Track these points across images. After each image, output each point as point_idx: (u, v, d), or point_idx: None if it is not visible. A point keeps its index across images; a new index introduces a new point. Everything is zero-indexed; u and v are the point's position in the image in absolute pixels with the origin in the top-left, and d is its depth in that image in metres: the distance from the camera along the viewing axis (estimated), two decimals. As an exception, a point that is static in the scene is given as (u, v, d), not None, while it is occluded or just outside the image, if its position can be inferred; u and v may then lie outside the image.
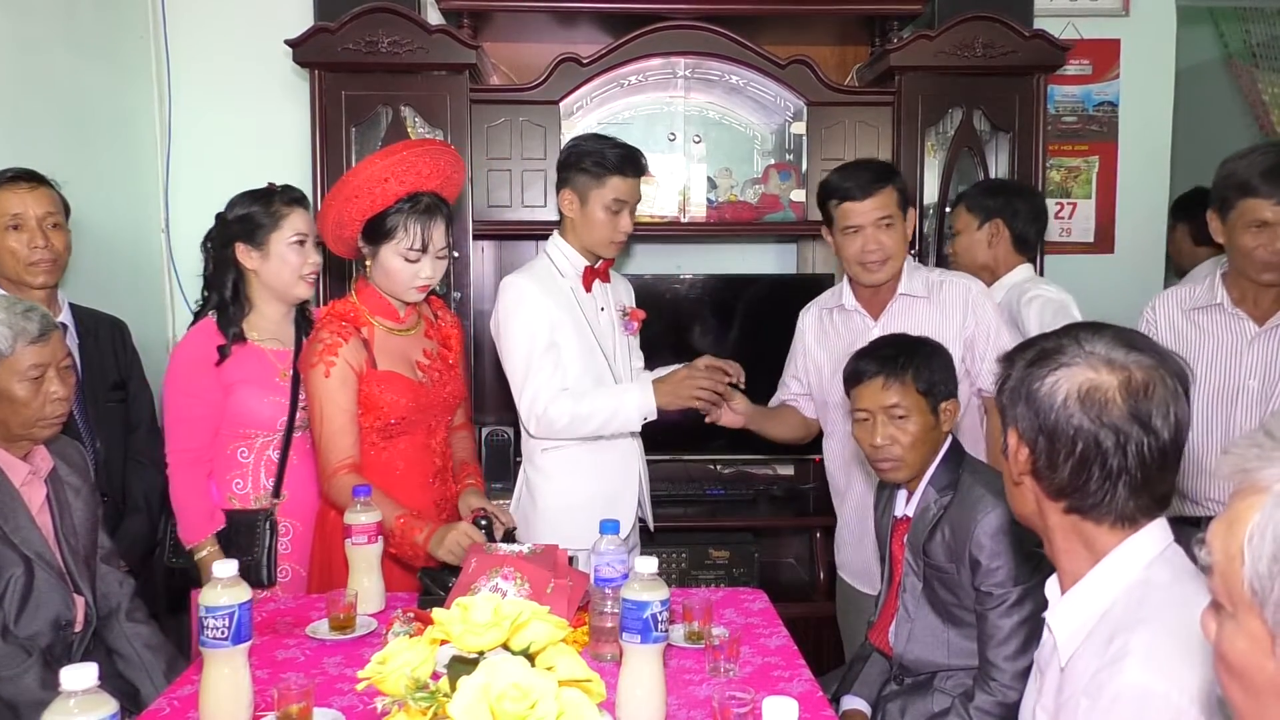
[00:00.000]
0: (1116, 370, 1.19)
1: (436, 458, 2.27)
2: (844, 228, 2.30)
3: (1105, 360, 1.20)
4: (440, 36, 2.89)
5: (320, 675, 1.69)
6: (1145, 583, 1.19)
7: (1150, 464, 1.19)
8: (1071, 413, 1.19)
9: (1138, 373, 1.19)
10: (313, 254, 2.29)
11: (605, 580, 1.77)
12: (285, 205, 2.26)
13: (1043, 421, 1.21)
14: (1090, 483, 1.20)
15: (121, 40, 3.17)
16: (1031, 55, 2.99)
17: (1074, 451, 1.19)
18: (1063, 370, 1.21)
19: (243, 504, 2.21)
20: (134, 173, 3.23)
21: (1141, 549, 1.21)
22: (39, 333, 1.82)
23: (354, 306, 2.18)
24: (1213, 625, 0.87)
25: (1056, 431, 1.20)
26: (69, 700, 1.18)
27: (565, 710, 1.11)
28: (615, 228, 2.34)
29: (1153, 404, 1.18)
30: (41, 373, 1.83)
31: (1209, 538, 0.86)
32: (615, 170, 2.30)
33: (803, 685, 1.67)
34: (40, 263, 2.25)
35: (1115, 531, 1.22)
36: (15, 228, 2.23)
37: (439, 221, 2.15)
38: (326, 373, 2.08)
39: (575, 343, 2.34)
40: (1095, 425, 1.18)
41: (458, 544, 1.98)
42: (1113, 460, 1.18)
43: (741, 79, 3.10)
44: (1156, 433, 1.18)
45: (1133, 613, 1.16)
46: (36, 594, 1.81)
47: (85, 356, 2.39)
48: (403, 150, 2.15)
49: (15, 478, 1.85)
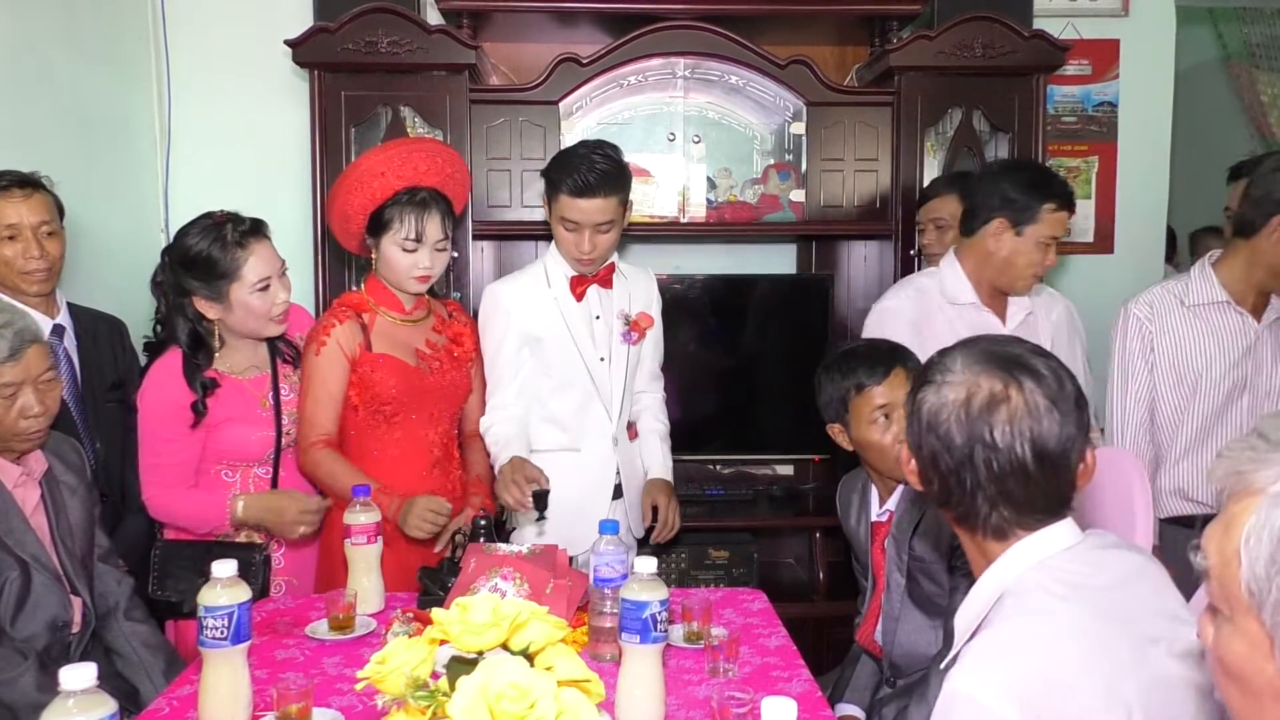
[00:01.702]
0: (960, 388, 1.23)
1: (435, 449, 2.29)
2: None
3: (957, 379, 1.23)
4: (440, 37, 2.89)
5: (319, 675, 1.69)
6: (1008, 594, 1.20)
7: (1004, 478, 1.20)
8: (928, 431, 1.25)
9: (983, 389, 1.21)
10: (281, 292, 2.19)
11: (604, 580, 1.76)
12: (239, 247, 2.13)
13: (912, 438, 1.28)
14: (953, 495, 1.24)
15: (121, 40, 3.17)
16: (1031, 55, 2.99)
17: (936, 467, 1.25)
18: (925, 389, 1.26)
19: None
20: (133, 173, 3.23)
21: (1017, 560, 1.22)
22: (9, 352, 1.77)
23: (361, 297, 2.27)
24: (1209, 629, 0.87)
25: (921, 448, 1.26)
26: (68, 700, 1.18)
27: (564, 710, 1.11)
28: (573, 245, 2.28)
29: (993, 420, 1.20)
30: (14, 391, 1.78)
31: (1204, 542, 0.86)
32: (566, 190, 2.24)
33: (802, 685, 1.67)
34: (35, 272, 2.23)
35: (997, 543, 1.24)
36: (11, 238, 2.20)
37: (434, 214, 2.21)
38: (317, 351, 2.18)
39: (553, 354, 2.34)
40: (942, 443, 1.23)
41: (422, 518, 2.05)
42: (966, 476, 1.22)
43: (741, 79, 3.10)
44: (998, 448, 1.19)
45: (988, 622, 1.19)
46: (33, 596, 1.80)
47: (84, 356, 2.39)
48: (398, 146, 2.25)
49: (7, 480, 1.83)
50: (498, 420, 2.33)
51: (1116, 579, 1.21)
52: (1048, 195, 2.26)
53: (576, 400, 2.37)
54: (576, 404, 2.37)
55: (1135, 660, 1.12)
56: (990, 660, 1.11)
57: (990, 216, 2.29)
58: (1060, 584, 1.18)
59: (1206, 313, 2.34)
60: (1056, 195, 2.27)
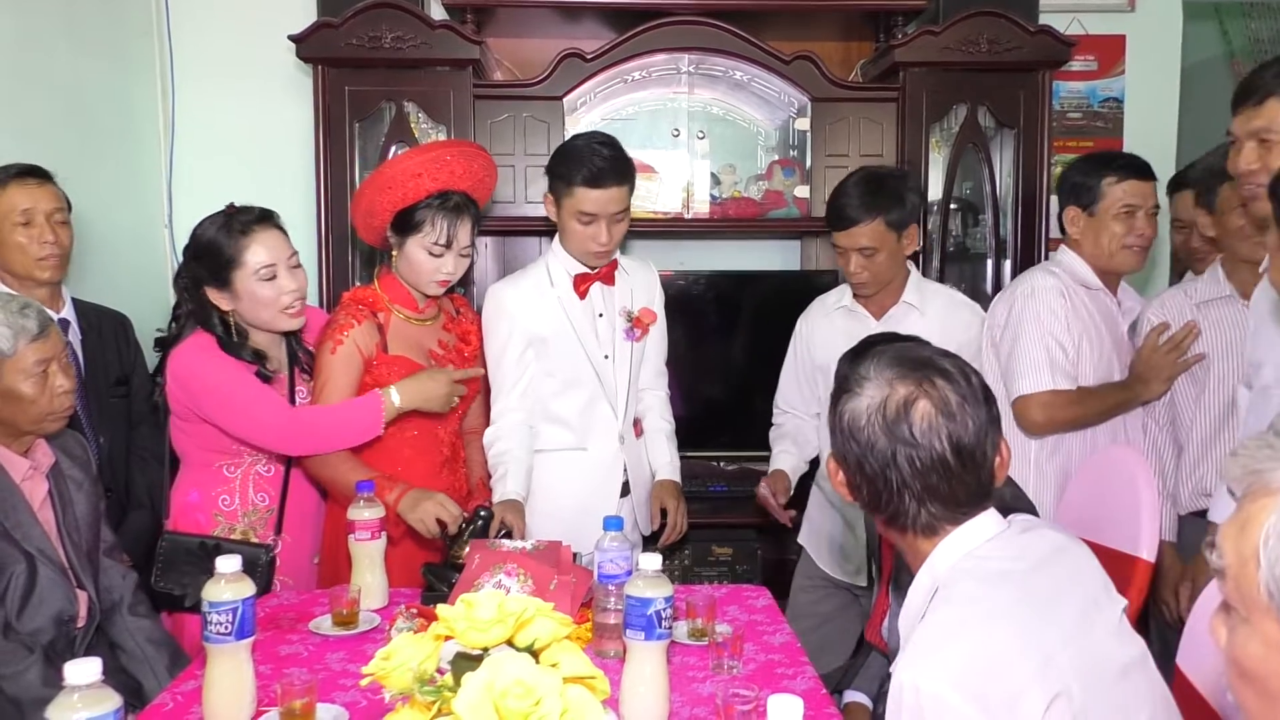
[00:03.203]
0: (875, 394, 1.27)
1: (445, 447, 2.29)
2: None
3: (873, 384, 1.28)
4: (444, 32, 2.88)
5: (323, 671, 1.69)
6: (941, 587, 1.25)
7: (927, 473, 1.25)
8: (849, 437, 1.28)
9: (899, 391, 1.26)
10: (289, 281, 2.12)
11: (609, 577, 1.76)
12: (242, 234, 2.09)
13: (837, 447, 1.32)
14: (881, 498, 1.28)
15: (124, 36, 3.17)
16: (1036, 51, 2.98)
17: (862, 471, 1.28)
18: (845, 398, 1.30)
19: (230, 520, 2.17)
20: (137, 168, 3.23)
21: (947, 553, 1.28)
22: (38, 329, 1.82)
23: (375, 293, 2.24)
24: (1222, 630, 0.85)
25: (847, 455, 1.30)
26: (73, 695, 1.18)
27: (570, 707, 1.11)
28: (590, 239, 2.27)
29: (911, 419, 1.24)
30: (45, 367, 1.83)
31: (1219, 540, 0.84)
32: (582, 182, 2.22)
33: (807, 682, 1.66)
34: (49, 258, 2.26)
35: (928, 540, 1.29)
36: (25, 224, 2.23)
37: (466, 220, 2.19)
38: (333, 350, 2.15)
39: (558, 354, 2.33)
40: (864, 447, 1.27)
41: (429, 514, 2.03)
42: (892, 475, 1.26)
43: (745, 75, 3.09)
44: (919, 445, 1.24)
45: (923, 618, 1.23)
46: (39, 590, 1.81)
47: (88, 352, 2.39)
48: (438, 149, 2.24)
49: (15, 474, 1.84)
50: (503, 433, 2.31)
51: (1039, 560, 1.27)
52: (1104, 169, 2.32)
53: (582, 399, 2.36)
54: (582, 403, 2.36)
55: (1064, 636, 1.17)
56: (928, 650, 1.15)
57: (1063, 208, 2.39)
58: (987, 570, 1.23)
59: (1210, 309, 2.35)
60: (1115, 167, 2.32)
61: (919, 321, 2.38)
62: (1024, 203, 3.09)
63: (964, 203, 3.24)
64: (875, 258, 2.37)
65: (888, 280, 2.43)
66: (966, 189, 3.24)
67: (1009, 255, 3.15)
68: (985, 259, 3.22)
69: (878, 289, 2.44)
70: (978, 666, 1.11)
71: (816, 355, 2.52)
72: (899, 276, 2.45)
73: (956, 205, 3.21)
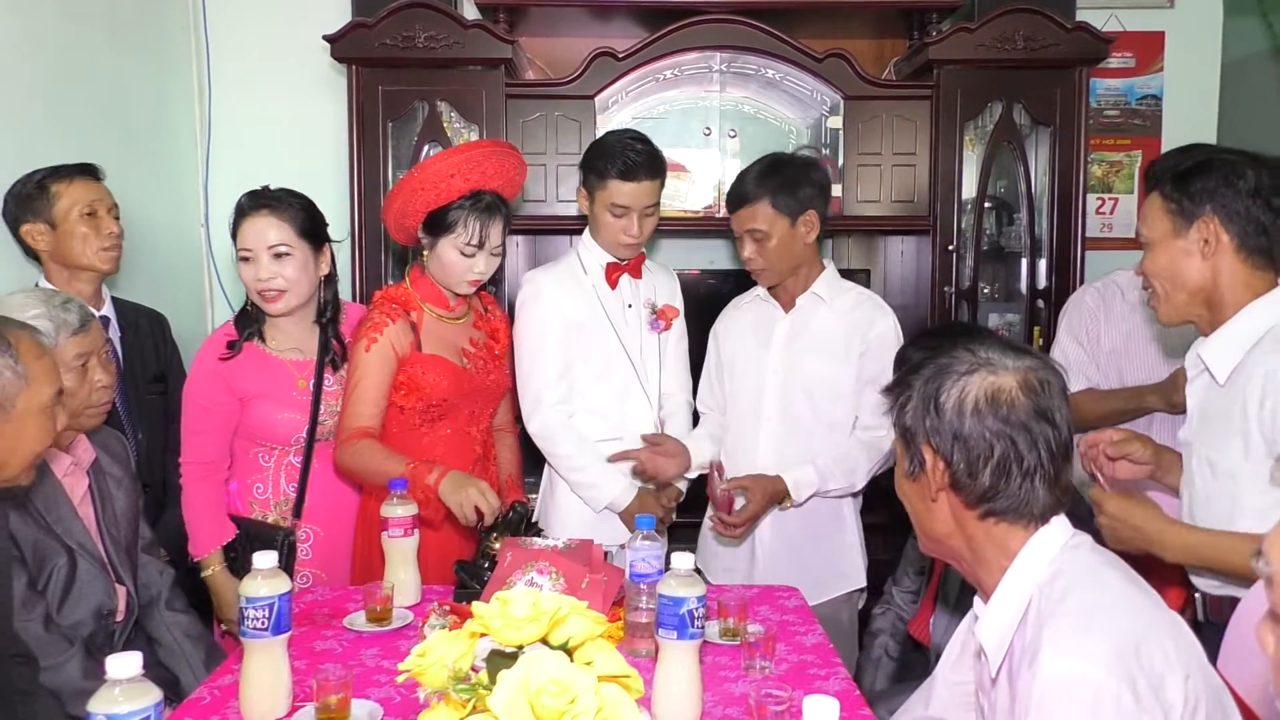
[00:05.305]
0: (1013, 373, 1.24)
1: (477, 445, 2.31)
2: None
3: (1001, 365, 1.25)
4: (476, 31, 2.90)
5: (358, 666, 1.70)
6: (1053, 578, 1.22)
7: (1058, 457, 1.24)
8: (984, 417, 1.23)
9: (1031, 373, 1.25)
10: (265, 269, 2.16)
11: (641, 576, 1.76)
12: (239, 215, 2.19)
13: (956, 431, 1.25)
14: (1010, 483, 1.24)
15: (162, 37, 3.20)
16: (1073, 48, 2.95)
17: (992, 454, 1.23)
18: (965, 379, 1.25)
19: (263, 509, 2.22)
20: (174, 168, 3.27)
21: (1048, 543, 1.25)
22: (79, 323, 1.85)
23: (406, 292, 2.26)
24: (1270, 638, 0.84)
25: (971, 438, 1.24)
26: (114, 689, 1.19)
27: (604, 705, 1.11)
28: (621, 231, 2.31)
29: (1051, 400, 1.23)
30: (85, 361, 1.86)
31: (1266, 548, 0.83)
32: (616, 174, 2.26)
33: (840, 684, 1.65)
34: (112, 248, 2.35)
35: (1030, 530, 1.26)
36: (90, 214, 2.30)
37: (497, 220, 2.21)
38: (367, 347, 2.16)
39: (594, 341, 2.36)
40: (1007, 426, 1.22)
41: (471, 500, 2.01)
42: (1029, 458, 1.22)
43: (777, 73, 3.08)
44: (1059, 426, 1.23)
45: (1043, 612, 1.20)
46: (79, 584, 1.83)
47: (127, 349, 2.43)
48: (471, 149, 2.24)
49: (57, 469, 1.87)
50: (574, 432, 2.34)
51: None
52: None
53: (616, 387, 2.39)
54: (616, 391, 2.39)
55: (1169, 619, 1.19)
56: (1081, 636, 1.12)
57: None
58: (1090, 560, 1.23)
59: None
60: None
61: (827, 315, 2.35)
62: (1060, 201, 3.06)
63: (998, 201, 3.21)
64: (767, 243, 2.29)
65: (783, 268, 2.34)
66: (1001, 187, 3.21)
67: (1044, 254, 3.12)
68: (1020, 258, 3.19)
69: (776, 278, 2.36)
70: (1129, 650, 1.10)
71: (723, 348, 2.49)
72: (806, 267, 2.37)
73: (991, 204, 3.18)
